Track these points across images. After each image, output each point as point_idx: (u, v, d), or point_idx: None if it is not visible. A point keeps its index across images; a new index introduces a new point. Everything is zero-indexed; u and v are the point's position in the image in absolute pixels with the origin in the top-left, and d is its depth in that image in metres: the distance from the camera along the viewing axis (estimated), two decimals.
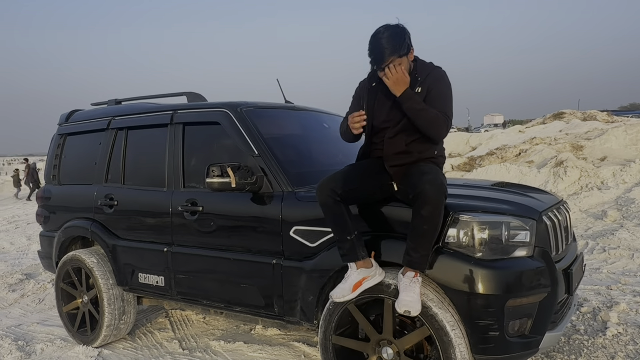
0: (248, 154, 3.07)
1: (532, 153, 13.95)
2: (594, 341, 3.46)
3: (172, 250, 3.42)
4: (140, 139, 3.78)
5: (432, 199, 2.21)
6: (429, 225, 2.23)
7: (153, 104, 3.98)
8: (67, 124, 4.39)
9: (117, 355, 3.83)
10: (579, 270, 2.83)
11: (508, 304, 2.26)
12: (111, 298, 3.82)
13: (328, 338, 2.62)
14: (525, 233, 2.42)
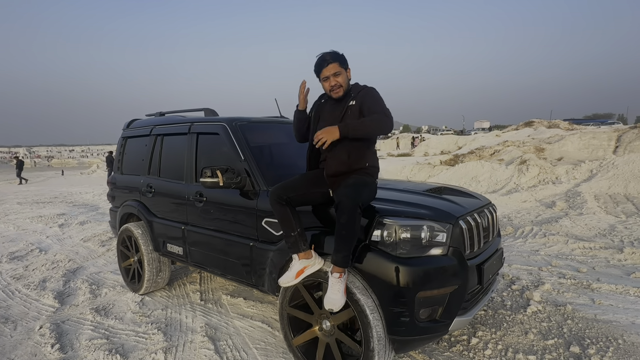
0: (237, 159, 2.85)
1: (503, 153, 13.06)
2: (514, 317, 3.06)
3: (187, 228, 3.27)
4: (170, 143, 3.63)
5: (347, 210, 1.94)
6: (347, 231, 1.95)
7: (181, 116, 3.82)
8: (127, 129, 4.32)
9: (154, 301, 3.77)
10: (494, 265, 2.45)
11: (419, 295, 1.96)
12: (150, 260, 3.74)
13: (284, 308, 2.40)
14: (442, 235, 2.10)
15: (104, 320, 3.36)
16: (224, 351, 2.74)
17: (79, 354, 2.83)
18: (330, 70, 2.20)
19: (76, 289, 4.20)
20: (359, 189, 2.08)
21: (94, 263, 5.22)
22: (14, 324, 3.40)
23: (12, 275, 4.90)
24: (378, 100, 2.21)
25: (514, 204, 8.52)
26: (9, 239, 7.03)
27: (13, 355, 2.85)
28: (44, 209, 10.24)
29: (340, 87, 2.24)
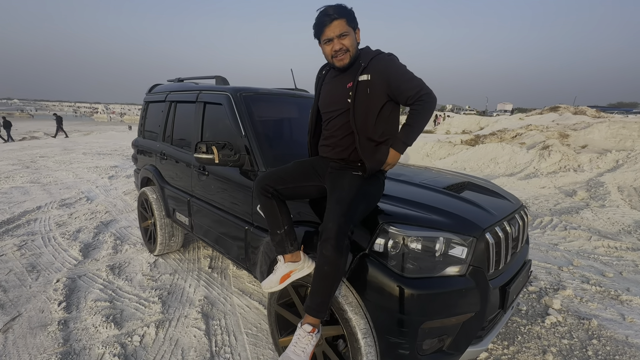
0: (237, 134, 2.27)
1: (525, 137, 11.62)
2: (531, 328, 2.42)
3: (192, 200, 2.80)
4: (181, 111, 3.09)
5: (330, 239, 1.31)
6: (330, 267, 1.32)
7: (194, 83, 3.23)
8: (149, 94, 3.81)
9: (166, 263, 3.43)
10: (520, 282, 1.79)
11: (424, 326, 1.36)
12: (163, 224, 3.36)
13: (272, 305, 1.90)
14: (462, 250, 1.45)
15: (115, 280, 3.06)
16: (215, 333, 2.32)
17: (80, 315, 2.53)
18: (334, 29, 1.48)
19: (102, 243, 3.95)
20: (353, 206, 1.41)
21: (126, 217, 4.99)
22: (38, 274, 3.18)
23: (56, 221, 4.76)
24: (406, 75, 1.48)
25: (532, 189, 7.50)
26: (65, 186, 7.03)
27: (23, 309, 2.60)
28: (102, 161, 10.32)
29: (346, 52, 1.52)
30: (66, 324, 2.42)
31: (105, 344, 2.20)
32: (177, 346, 2.19)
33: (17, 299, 2.75)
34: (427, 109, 1.45)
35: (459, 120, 19.74)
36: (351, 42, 1.52)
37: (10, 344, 2.23)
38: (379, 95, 1.51)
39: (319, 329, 1.40)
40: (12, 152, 12.70)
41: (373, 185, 1.55)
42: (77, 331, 2.35)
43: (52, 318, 2.49)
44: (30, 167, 9.06)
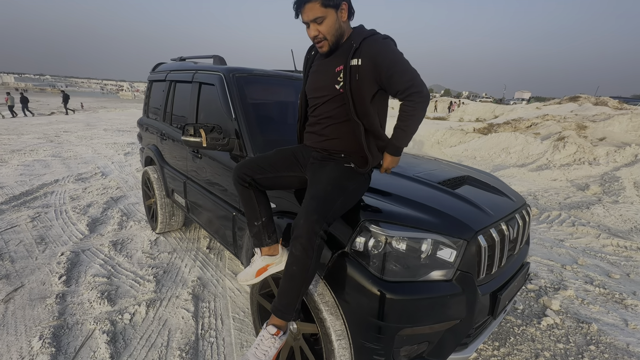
0: (228, 117, 2.11)
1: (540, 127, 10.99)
2: (525, 329, 2.26)
3: (187, 182, 2.70)
4: (179, 91, 2.94)
5: (300, 237, 1.17)
6: (298, 267, 1.19)
7: (193, 62, 3.06)
8: (153, 73, 3.67)
9: (166, 241, 3.40)
10: (514, 287, 1.62)
11: (402, 332, 1.23)
12: (163, 204, 3.30)
13: (254, 294, 1.79)
14: (450, 253, 1.28)
15: (115, 256, 3.04)
16: (203, 315, 2.27)
17: (78, 290, 2.52)
18: (308, 14, 1.27)
19: (109, 218, 3.95)
20: (328, 202, 1.25)
21: (135, 194, 4.99)
22: (45, 246, 3.20)
23: (70, 195, 4.81)
24: (399, 64, 1.26)
25: (543, 181, 7.12)
26: (84, 161, 7.11)
27: (26, 281, 2.61)
28: (120, 137, 10.41)
29: (323, 40, 1.32)
30: (64, 297, 2.42)
31: (97, 320, 2.18)
32: (165, 327, 2.15)
33: (22, 269, 2.77)
34: (418, 109, 1.26)
35: (474, 107, 18.83)
36: (329, 27, 1.29)
37: (10, 314, 2.24)
38: (369, 83, 1.31)
39: (285, 331, 1.28)
40: (39, 126, 12.99)
41: (354, 180, 1.38)
42: (73, 305, 2.34)
43: (51, 291, 2.49)
44: (53, 142, 9.23)
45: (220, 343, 2.02)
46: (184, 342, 2.01)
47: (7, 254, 3.03)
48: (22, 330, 2.09)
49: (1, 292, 2.46)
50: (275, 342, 1.24)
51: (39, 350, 1.91)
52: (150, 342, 2.02)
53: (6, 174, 5.88)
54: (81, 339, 2.03)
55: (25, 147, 8.33)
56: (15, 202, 4.45)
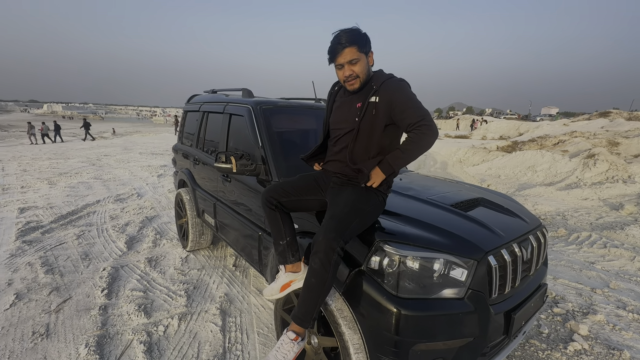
0: (255, 145, 2.33)
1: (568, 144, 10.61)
2: (550, 354, 2.20)
3: (217, 204, 2.92)
4: (212, 120, 3.23)
5: (319, 252, 1.30)
6: (317, 279, 1.32)
7: (224, 95, 3.36)
8: (188, 104, 4.03)
9: (196, 259, 3.61)
10: (531, 308, 1.64)
11: (416, 347, 1.30)
12: (194, 223, 3.54)
13: (278, 310, 1.91)
14: (462, 272, 1.36)
15: (150, 272, 3.28)
16: (230, 329, 2.40)
17: (118, 303, 2.74)
18: (345, 56, 1.47)
19: (145, 236, 4.25)
20: (346, 221, 1.39)
21: (167, 213, 5.32)
22: (89, 262, 3.50)
23: (110, 214, 5.21)
24: (412, 102, 1.44)
25: (573, 200, 6.84)
26: (121, 183, 7.66)
27: (73, 293, 2.87)
28: (154, 160, 11.11)
29: (356, 79, 1.52)
30: (105, 309, 2.64)
31: (135, 331, 2.37)
32: (195, 339, 2.30)
33: (70, 283, 3.05)
34: (424, 139, 1.41)
35: (497, 125, 18.44)
36: (361, 68, 1.50)
37: (60, 323, 2.47)
38: (383, 116, 1.50)
39: (303, 337, 1.40)
40: (83, 150, 14.12)
41: (370, 203, 1.51)
42: (114, 317, 2.55)
43: (95, 303, 2.72)
44: (95, 165, 10.01)
45: (246, 357, 2.13)
46: (213, 354, 2.14)
47: (57, 268, 3.34)
48: (70, 338, 2.31)
49: (53, 303, 2.72)
50: (294, 346, 1.36)
51: (85, 357, 2.10)
52: (182, 353, 2.16)
53: (55, 195, 6.46)
54: (121, 348, 2.21)
55: (71, 170, 9.10)
56: (62, 220, 4.88)
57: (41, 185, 7.33)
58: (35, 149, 15.24)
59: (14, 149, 15.17)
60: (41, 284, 3.02)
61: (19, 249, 3.82)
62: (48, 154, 12.99)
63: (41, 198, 6.26)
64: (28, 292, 2.88)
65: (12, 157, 12.05)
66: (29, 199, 6.22)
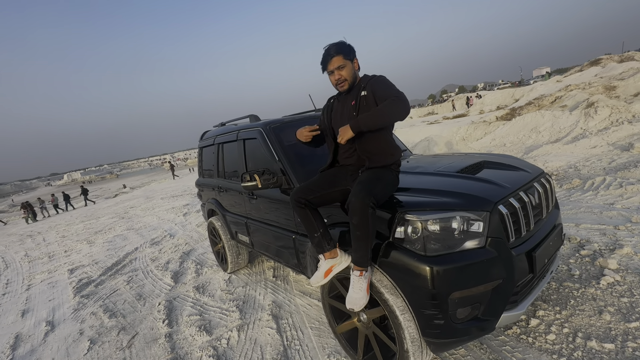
0: (272, 160, 2.55)
1: (565, 99, 10.52)
2: (584, 291, 2.29)
3: (248, 222, 3.14)
4: (227, 149, 3.48)
5: (356, 210, 1.52)
6: (361, 232, 1.54)
7: (234, 125, 3.63)
8: (201, 140, 4.32)
9: (238, 279, 3.81)
10: (550, 247, 1.77)
11: (452, 296, 1.46)
12: (230, 246, 3.77)
13: (325, 298, 2.09)
14: (478, 224, 1.53)
15: (201, 297, 3.50)
16: (284, 330, 2.58)
17: (180, 329, 2.96)
18: (334, 64, 1.77)
19: (187, 269, 4.50)
20: (370, 185, 1.62)
21: (202, 245, 5.58)
22: (144, 300, 3.76)
23: (150, 257, 5.51)
24: (389, 86, 1.71)
25: (582, 151, 6.80)
26: (152, 228, 8.02)
27: (139, 329, 3.11)
28: (176, 202, 11.53)
29: (345, 81, 1.81)
30: (170, 336, 2.86)
31: (201, 348, 2.57)
32: (257, 344, 2.48)
33: (133, 321, 3.29)
34: (395, 106, 1.60)
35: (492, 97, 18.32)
36: (348, 72, 1.78)
37: (134, 355, 2.70)
38: (371, 104, 1.74)
39: (366, 271, 1.61)
40: (109, 207, 14.75)
41: (386, 176, 1.74)
42: (179, 341, 2.76)
43: (160, 333, 2.95)
44: (124, 218, 10.48)
45: (305, 349, 2.30)
46: (275, 352, 2.32)
47: (118, 312, 3.60)
48: None
49: (123, 340, 2.96)
50: (364, 279, 1.61)
51: None
52: (248, 357, 2.34)
53: (97, 252, 6.84)
54: None
55: (104, 227, 9.57)
56: (110, 272, 5.20)
57: (82, 246, 7.76)
58: (67, 215, 16.00)
59: (43, 223, 15.93)
60: (108, 327, 3.28)
61: (80, 303, 4.12)
62: (80, 217, 13.64)
63: (85, 257, 6.64)
64: (99, 337, 3.13)
65: (49, 227, 12.72)
66: (75, 260, 6.61)
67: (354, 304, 1.60)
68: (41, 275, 6.08)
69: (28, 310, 4.36)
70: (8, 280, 6.31)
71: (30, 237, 11.32)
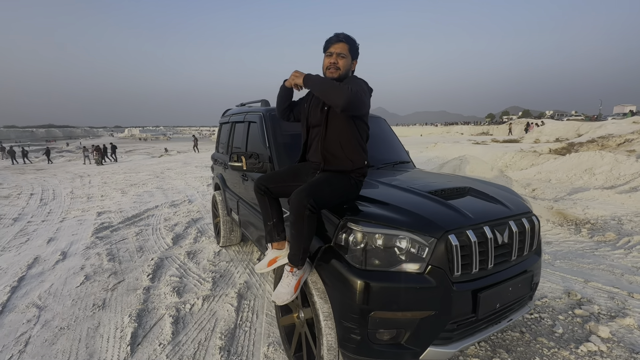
0: (263, 145, 2.61)
1: (636, 143, 9.27)
2: (557, 352, 2.05)
3: (239, 201, 3.26)
4: (238, 129, 3.61)
5: (293, 209, 1.51)
6: (295, 230, 1.54)
7: (249, 106, 3.74)
8: (222, 117, 4.52)
9: (227, 253, 3.98)
10: (508, 292, 1.62)
11: (374, 315, 1.41)
12: (225, 221, 3.93)
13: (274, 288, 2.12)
14: (422, 248, 1.46)
15: (188, 262, 3.72)
16: (243, 309, 2.66)
17: (158, 285, 3.18)
18: (337, 48, 1.73)
19: (188, 234, 4.79)
20: (315, 188, 1.59)
21: (210, 216, 5.88)
22: (142, 253, 4.08)
23: (164, 217, 5.94)
24: (357, 84, 1.66)
25: (636, 204, 5.99)
26: (177, 191, 8.60)
27: (126, 277, 3.40)
28: (206, 172, 12.21)
29: (337, 70, 1.74)
30: (148, 290, 3.09)
31: (167, 307, 2.75)
32: (214, 316, 2.59)
33: (125, 269, 3.60)
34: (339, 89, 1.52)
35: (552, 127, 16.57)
36: (344, 64, 1.74)
37: (113, 298, 2.96)
38: None
39: (298, 269, 1.63)
40: (151, 165, 16.02)
41: (342, 181, 1.69)
42: (153, 296, 2.98)
43: (141, 285, 3.20)
44: (159, 177, 11.35)
45: (253, 332, 2.36)
46: (225, 328, 2.41)
47: (118, 257, 3.96)
48: (119, 310, 2.76)
49: (111, 284, 3.26)
50: (293, 276, 1.63)
51: (127, 324, 2.51)
52: (201, 326, 2.47)
53: (125, 202, 7.51)
54: (155, 319, 2.59)
55: (139, 181, 10.46)
56: (128, 222, 5.70)
57: (115, 194, 8.57)
58: (114, 165, 17.70)
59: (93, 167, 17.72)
60: (104, 269, 3.62)
61: (92, 242, 4.58)
62: (124, 169, 15.03)
63: (114, 204, 7.33)
64: (94, 275, 3.48)
65: (98, 172, 14.20)
66: (105, 205, 7.33)
67: (278, 297, 1.61)
68: (76, 212, 6.84)
69: (54, 239, 4.95)
70: (50, 210, 7.20)
71: (80, 177, 12.74)
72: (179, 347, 2.24)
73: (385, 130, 3.28)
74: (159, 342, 2.30)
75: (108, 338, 2.39)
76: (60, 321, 2.63)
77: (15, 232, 5.54)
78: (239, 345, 2.22)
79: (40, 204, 7.99)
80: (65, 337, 2.43)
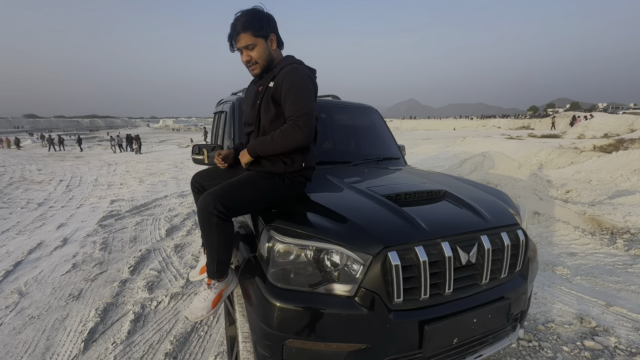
0: (228, 137, 2.43)
1: None
2: None
3: None
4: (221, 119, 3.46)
5: (199, 213, 1.32)
6: (205, 239, 1.34)
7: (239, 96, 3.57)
8: (216, 107, 4.39)
9: None
10: (473, 324, 1.30)
11: (289, 344, 1.18)
12: None
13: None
14: (354, 268, 1.19)
15: (172, 256, 3.67)
16: None
17: (136, 279, 3.14)
18: (241, 42, 1.44)
19: (183, 227, 4.78)
20: (230, 190, 1.35)
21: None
22: (134, 244, 4.11)
23: (169, 207, 6.03)
24: (294, 94, 1.37)
25: None
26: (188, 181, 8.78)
27: (110, 268, 3.41)
28: None
29: (255, 64, 1.48)
30: (124, 283, 3.06)
31: (135, 303, 2.68)
32: (175, 317, 2.49)
33: (112, 259, 3.63)
34: (288, 136, 1.36)
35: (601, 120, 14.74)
36: (259, 53, 1.46)
37: (90, 290, 2.96)
38: (275, 102, 1.44)
39: (218, 282, 1.43)
40: (175, 155, 16.60)
41: (269, 182, 1.44)
42: (126, 290, 2.94)
43: (120, 277, 3.18)
44: (177, 167, 11.68)
45: (207, 337, 2.22)
46: (182, 331, 2.29)
47: (110, 247, 4.01)
48: (90, 302, 2.74)
49: (93, 274, 3.28)
50: (210, 290, 1.43)
51: (91, 318, 2.48)
52: (159, 327, 2.37)
53: (139, 191, 7.76)
54: (119, 315, 2.53)
55: (158, 171, 10.81)
56: (134, 211, 5.84)
57: (133, 183, 8.91)
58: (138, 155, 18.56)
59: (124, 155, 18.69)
60: (93, 258, 3.67)
61: (94, 230, 4.71)
62: (150, 158, 15.69)
63: (129, 192, 7.60)
64: (81, 264, 3.53)
65: (125, 161, 14.94)
66: (121, 193, 7.61)
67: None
68: (93, 199, 7.16)
69: (64, 225, 5.18)
70: (72, 197, 7.61)
71: (108, 165, 13.48)
72: (129, 348, 2.15)
73: (375, 122, 2.96)
74: (113, 340, 2.23)
75: (70, 332, 2.37)
76: (34, 310, 2.66)
77: (35, 216, 5.88)
78: (187, 352, 2.09)
79: (65, 190, 8.50)
80: (33, 326, 2.44)
